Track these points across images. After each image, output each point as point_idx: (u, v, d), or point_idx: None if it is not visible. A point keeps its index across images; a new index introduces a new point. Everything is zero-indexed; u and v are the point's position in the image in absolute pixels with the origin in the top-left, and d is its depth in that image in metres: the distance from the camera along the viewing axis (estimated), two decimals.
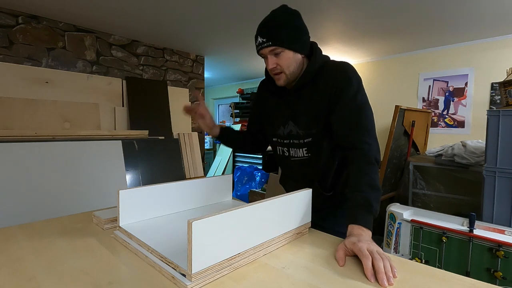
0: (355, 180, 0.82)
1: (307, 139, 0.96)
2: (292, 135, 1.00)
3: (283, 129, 1.02)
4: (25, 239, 0.76)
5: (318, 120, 0.93)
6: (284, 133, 1.02)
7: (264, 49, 0.89)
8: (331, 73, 0.91)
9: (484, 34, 2.94)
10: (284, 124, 1.01)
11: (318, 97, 0.92)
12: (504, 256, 1.39)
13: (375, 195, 0.79)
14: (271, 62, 0.90)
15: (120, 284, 0.55)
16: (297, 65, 0.92)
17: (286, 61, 0.90)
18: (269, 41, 0.87)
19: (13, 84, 2.39)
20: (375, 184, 0.80)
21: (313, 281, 0.56)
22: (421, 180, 2.46)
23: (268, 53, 0.90)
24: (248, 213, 0.62)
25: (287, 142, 1.02)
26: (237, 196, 4.00)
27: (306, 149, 0.98)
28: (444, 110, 3.40)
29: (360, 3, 2.27)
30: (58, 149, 2.24)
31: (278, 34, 0.87)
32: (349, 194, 0.81)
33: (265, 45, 0.88)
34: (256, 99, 1.17)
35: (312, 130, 0.95)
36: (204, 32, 2.97)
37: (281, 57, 0.89)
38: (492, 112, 1.61)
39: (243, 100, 5.21)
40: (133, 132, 2.85)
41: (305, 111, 0.95)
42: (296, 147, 1.00)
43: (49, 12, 2.48)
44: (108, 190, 2.39)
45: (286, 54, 0.89)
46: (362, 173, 0.82)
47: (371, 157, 0.84)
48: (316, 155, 0.97)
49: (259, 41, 0.90)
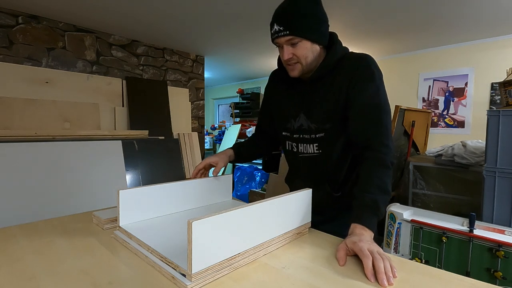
0: (366, 180, 0.78)
1: (319, 134, 0.91)
2: (302, 129, 0.94)
3: (293, 122, 0.96)
4: (25, 239, 0.76)
5: (334, 115, 0.88)
6: (294, 127, 0.96)
7: (280, 38, 0.83)
8: (352, 65, 0.85)
9: (484, 34, 2.94)
10: (295, 117, 0.95)
11: (336, 90, 0.86)
12: (504, 256, 1.39)
13: (384, 198, 0.76)
14: (287, 52, 0.84)
15: (120, 284, 0.54)
16: (314, 56, 0.86)
17: (303, 52, 0.83)
18: (286, 30, 0.81)
19: (13, 84, 2.39)
20: (386, 187, 0.77)
21: (313, 281, 0.56)
22: (421, 180, 2.46)
23: (284, 42, 0.83)
24: (248, 213, 0.62)
25: (296, 136, 0.96)
26: (237, 196, 4.00)
27: (317, 145, 0.92)
28: (444, 110, 3.40)
29: (360, 3, 2.27)
30: (58, 149, 2.24)
31: (296, 23, 0.80)
32: (357, 193, 0.78)
33: (281, 34, 0.82)
34: (267, 91, 1.10)
35: (326, 124, 0.89)
36: (204, 32, 2.97)
37: (298, 47, 0.83)
38: (492, 112, 1.61)
39: (243, 100, 5.21)
40: (133, 132, 2.85)
41: (320, 104, 0.89)
42: (306, 143, 0.94)
43: (49, 12, 2.48)
44: (108, 190, 2.39)
45: (304, 44, 0.83)
46: (374, 174, 0.78)
47: (387, 160, 0.80)
48: (327, 153, 0.92)
49: (275, 29, 0.83)
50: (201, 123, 4.03)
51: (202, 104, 4.03)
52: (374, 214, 0.74)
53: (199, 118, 3.99)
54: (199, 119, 3.99)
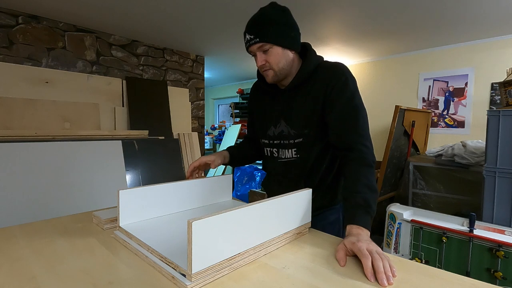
0: (353, 181, 0.81)
1: (297, 140, 0.96)
2: (283, 135, 0.99)
3: (274, 129, 1.01)
4: (25, 239, 0.76)
5: (312, 120, 0.93)
6: (274, 133, 1.01)
7: (252, 46, 0.88)
8: (328, 73, 0.91)
9: (484, 34, 2.94)
10: (276, 124, 1.00)
11: (313, 97, 0.92)
12: (504, 256, 1.39)
13: (373, 196, 0.79)
14: (260, 59, 0.90)
15: (120, 284, 0.54)
16: (287, 62, 0.91)
17: (275, 58, 0.89)
18: (256, 38, 0.86)
19: (13, 84, 2.39)
20: (373, 185, 0.80)
21: (313, 281, 0.56)
22: (421, 180, 2.46)
23: (256, 50, 0.89)
24: (248, 213, 0.62)
25: (277, 142, 1.01)
26: (237, 196, 4.00)
27: (296, 150, 0.97)
28: (444, 110, 3.40)
29: (360, 3, 2.27)
30: (58, 149, 2.24)
31: (265, 30, 0.86)
32: (347, 195, 0.81)
33: (253, 42, 0.87)
34: (250, 102, 1.17)
35: (305, 130, 0.94)
36: (204, 32, 2.97)
37: (269, 53, 0.88)
38: (492, 112, 1.61)
39: (243, 100, 5.21)
40: (133, 132, 2.85)
41: (299, 111, 0.94)
42: (285, 148, 0.99)
43: (49, 12, 2.48)
44: (108, 190, 2.39)
45: (275, 50, 0.88)
46: (359, 174, 0.82)
47: (369, 159, 0.84)
48: (304, 157, 0.96)
49: (247, 38, 0.89)
50: (201, 123, 4.03)
51: (202, 104, 4.03)
52: (367, 213, 0.75)
53: (199, 118, 3.99)
54: (199, 119, 3.99)
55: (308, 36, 3.01)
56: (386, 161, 2.53)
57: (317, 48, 3.39)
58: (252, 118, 1.15)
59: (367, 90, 3.98)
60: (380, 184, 2.57)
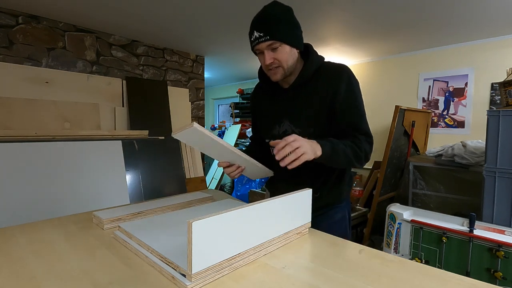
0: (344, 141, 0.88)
1: None
2: (287, 134, 0.97)
3: (278, 128, 1.01)
4: (25, 239, 0.76)
5: (318, 120, 0.93)
6: (279, 133, 1.01)
7: (261, 44, 0.87)
8: (333, 73, 0.92)
9: (484, 34, 2.94)
10: (280, 123, 1.00)
11: (318, 96, 0.92)
12: (504, 256, 1.39)
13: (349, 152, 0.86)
14: (268, 57, 0.88)
15: (120, 284, 0.54)
16: (294, 60, 0.92)
17: (284, 56, 0.88)
18: (266, 35, 0.85)
19: (13, 84, 2.39)
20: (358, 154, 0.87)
21: (313, 281, 0.56)
22: (421, 180, 2.46)
23: (265, 48, 0.88)
24: (248, 213, 0.62)
25: None
26: (237, 196, 4.00)
27: None
28: (444, 110, 3.39)
29: (360, 3, 2.27)
30: (58, 149, 2.24)
31: (275, 28, 0.85)
32: None
33: (262, 39, 0.86)
34: (252, 104, 1.17)
35: (310, 129, 0.94)
36: (204, 32, 2.97)
37: (278, 51, 0.88)
38: (492, 112, 1.61)
39: (243, 100, 5.21)
40: (133, 132, 2.85)
41: (304, 110, 0.95)
42: None
43: (49, 12, 2.48)
44: (108, 190, 2.39)
45: (284, 48, 0.88)
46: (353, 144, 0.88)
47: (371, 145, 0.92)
48: None
49: (255, 36, 0.87)
50: (201, 123, 4.03)
51: (202, 104, 4.02)
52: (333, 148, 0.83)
53: (199, 118, 3.99)
54: (199, 119, 3.99)
55: (309, 36, 3.01)
56: (386, 161, 2.53)
57: (317, 48, 3.38)
58: (256, 119, 1.15)
59: (367, 90, 3.97)
60: (380, 184, 2.56)
